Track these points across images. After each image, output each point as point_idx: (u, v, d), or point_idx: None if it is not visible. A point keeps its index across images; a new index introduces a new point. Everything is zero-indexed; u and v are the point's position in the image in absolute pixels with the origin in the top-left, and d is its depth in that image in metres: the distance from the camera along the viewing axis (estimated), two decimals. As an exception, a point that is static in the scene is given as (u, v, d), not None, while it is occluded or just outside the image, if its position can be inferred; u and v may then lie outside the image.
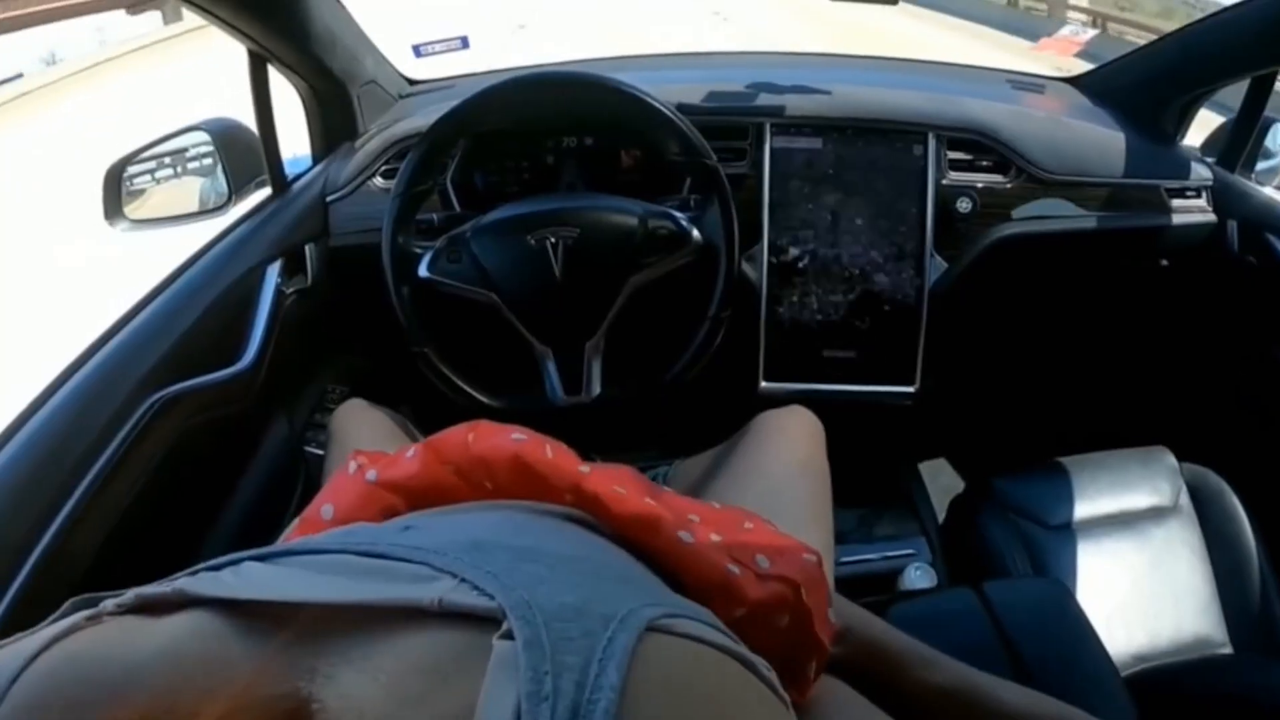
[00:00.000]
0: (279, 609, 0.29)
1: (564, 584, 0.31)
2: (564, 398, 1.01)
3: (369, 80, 1.26)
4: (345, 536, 0.39)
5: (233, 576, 0.32)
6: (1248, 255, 1.22)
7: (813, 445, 0.92)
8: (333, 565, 0.33)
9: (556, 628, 0.27)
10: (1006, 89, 1.38)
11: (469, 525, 0.42)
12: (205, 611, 0.30)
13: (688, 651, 0.29)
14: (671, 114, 0.97)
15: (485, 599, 0.28)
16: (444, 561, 0.31)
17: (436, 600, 0.28)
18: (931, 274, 1.16)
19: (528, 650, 0.25)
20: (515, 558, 0.33)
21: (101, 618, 0.31)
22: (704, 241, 0.98)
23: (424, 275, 0.99)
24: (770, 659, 0.43)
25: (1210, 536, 1.15)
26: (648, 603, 0.30)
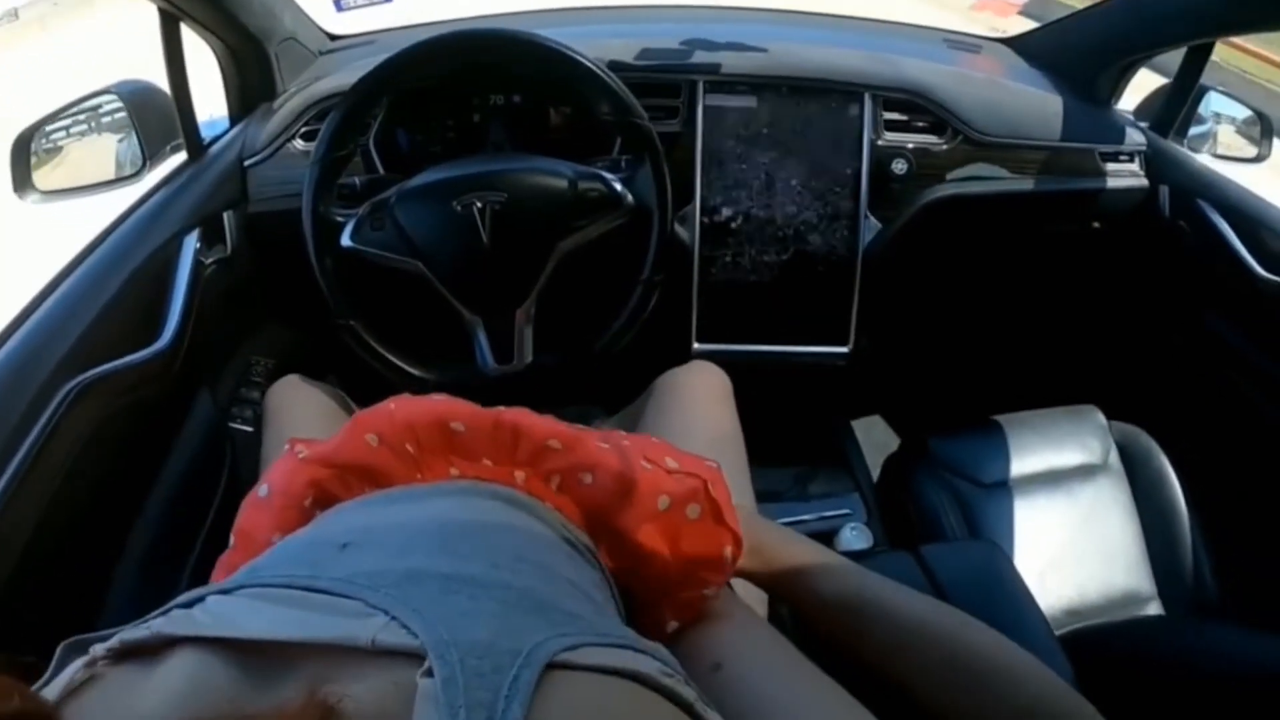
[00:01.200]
0: (256, 646, 0.33)
1: (482, 616, 0.34)
2: (495, 366, 0.98)
3: (287, 37, 1.20)
4: (289, 566, 0.43)
5: (204, 615, 0.35)
6: (1179, 220, 1.24)
7: (721, 402, 0.92)
8: (286, 599, 0.36)
9: (470, 664, 0.30)
10: (943, 49, 1.37)
11: (405, 542, 0.44)
12: (194, 651, 0.33)
13: (586, 684, 0.32)
14: (601, 72, 0.94)
15: (411, 638, 0.32)
16: (377, 598, 0.34)
17: (370, 640, 0.32)
18: (865, 235, 1.15)
19: (445, 688, 0.29)
20: (442, 589, 0.36)
21: (96, 665, 0.33)
22: (636, 204, 0.95)
23: (347, 245, 0.95)
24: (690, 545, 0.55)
25: (1139, 494, 1.18)
26: (557, 633, 0.33)
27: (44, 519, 0.78)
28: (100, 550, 0.90)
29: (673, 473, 0.56)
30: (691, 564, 0.55)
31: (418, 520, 0.48)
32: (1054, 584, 1.10)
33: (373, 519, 0.51)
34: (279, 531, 0.56)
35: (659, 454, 0.57)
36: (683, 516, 0.55)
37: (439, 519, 0.49)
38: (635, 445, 0.60)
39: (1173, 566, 1.16)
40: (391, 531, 0.47)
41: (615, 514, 0.55)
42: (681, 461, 0.57)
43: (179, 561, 0.99)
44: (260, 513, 0.58)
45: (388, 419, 0.59)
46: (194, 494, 1.04)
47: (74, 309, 0.89)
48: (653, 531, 0.54)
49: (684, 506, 0.55)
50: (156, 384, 0.95)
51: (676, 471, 0.56)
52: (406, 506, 0.52)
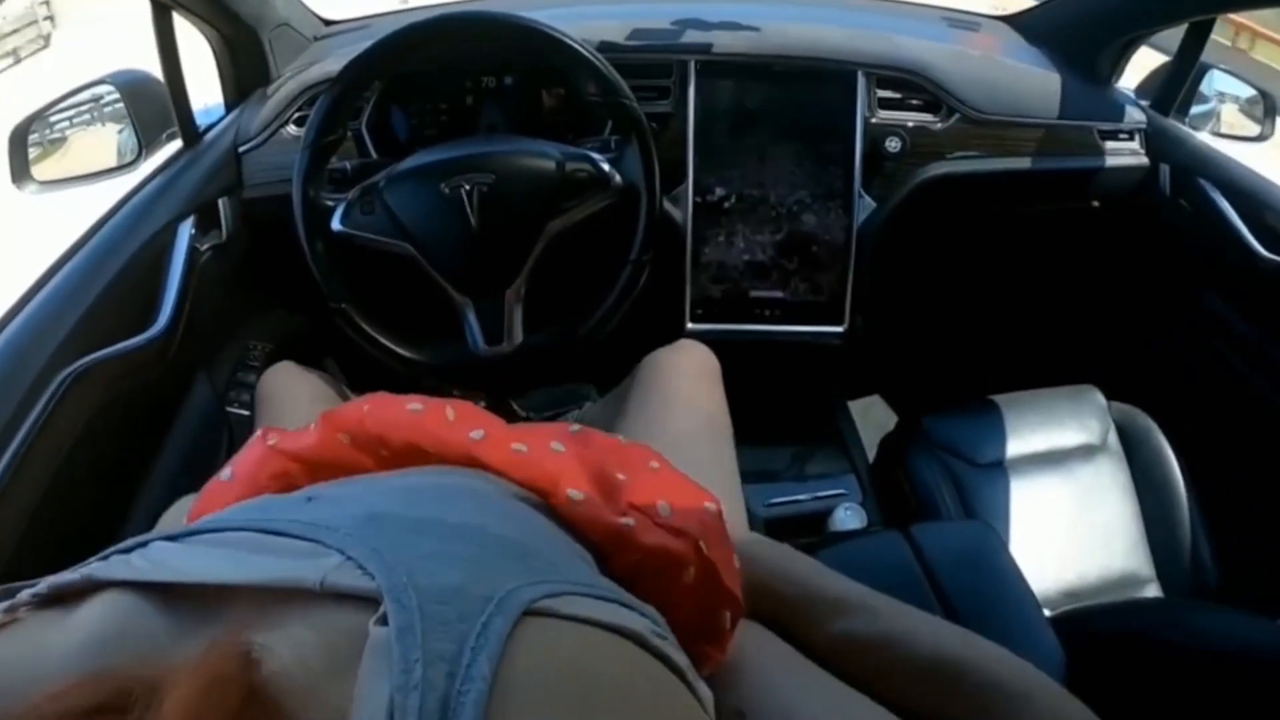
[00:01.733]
0: (188, 589, 0.29)
1: (450, 560, 0.30)
2: (486, 348, 0.98)
3: (280, 23, 1.20)
4: (249, 512, 0.39)
5: (141, 559, 0.32)
6: (1179, 199, 1.22)
7: (707, 383, 0.91)
8: (235, 542, 0.33)
9: (432, 611, 0.26)
10: (941, 27, 1.36)
11: (370, 496, 0.41)
12: (119, 594, 0.30)
13: (568, 634, 0.28)
14: (588, 53, 0.94)
15: (366, 579, 0.28)
16: (335, 538, 0.30)
17: (319, 581, 0.28)
18: (860, 214, 1.15)
19: (400, 638, 0.25)
20: (408, 529, 0.33)
21: (19, 611, 0.30)
22: (624, 184, 0.95)
23: (337, 229, 0.95)
24: (683, 615, 0.44)
25: (1138, 475, 1.17)
26: (533, 580, 0.29)
27: (41, 504, 0.78)
28: (98, 535, 0.91)
29: (661, 525, 0.47)
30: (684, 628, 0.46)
31: (390, 482, 0.45)
32: (1051, 565, 1.10)
33: (350, 485, 0.47)
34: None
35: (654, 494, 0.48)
36: (676, 579, 0.47)
37: (413, 481, 0.45)
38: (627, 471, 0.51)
39: (1171, 547, 1.15)
40: (365, 491, 0.43)
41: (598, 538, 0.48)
42: (675, 510, 0.48)
43: None
44: (221, 497, 0.54)
45: (358, 423, 0.54)
46: (193, 477, 1.05)
47: (70, 296, 0.90)
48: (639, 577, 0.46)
49: (672, 568, 0.47)
50: (153, 369, 0.96)
51: (665, 525, 0.47)
52: (377, 478, 0.49)
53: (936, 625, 0.55)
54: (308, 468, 0.53)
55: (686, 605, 0.46)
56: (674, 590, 0.46)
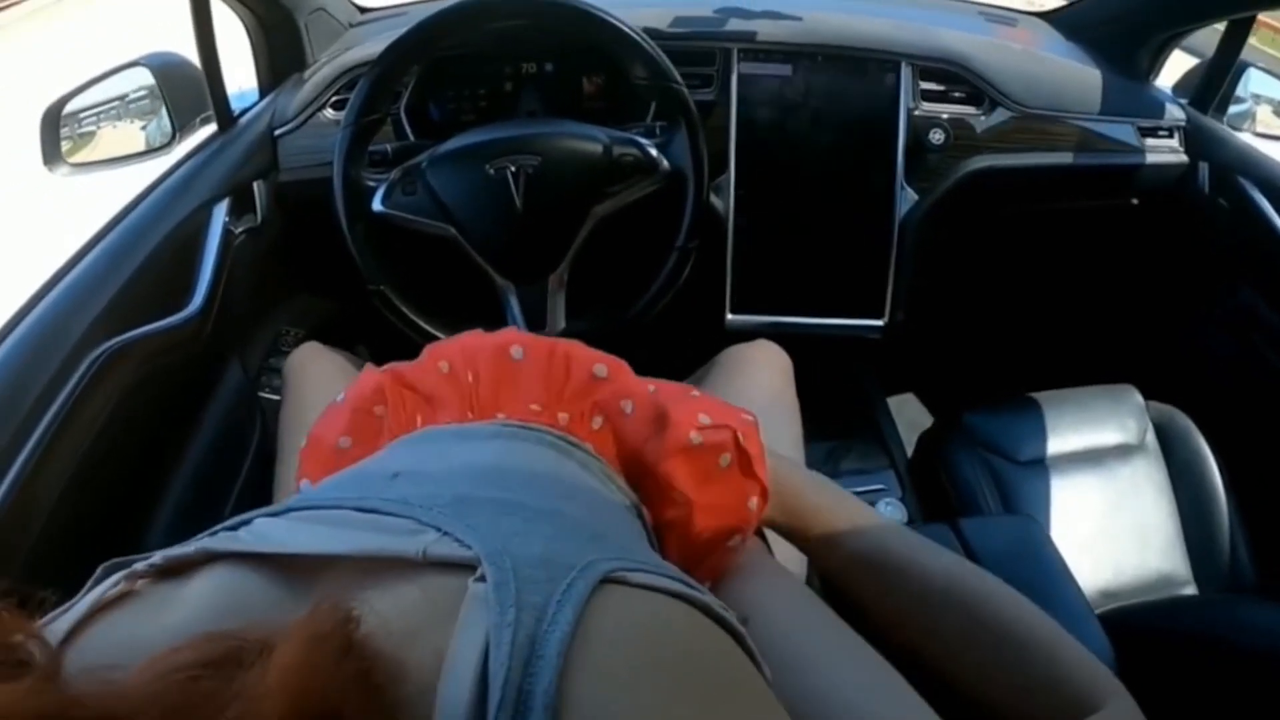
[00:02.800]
0: (295, 560, 0.33)
1: (536, 537, 0.34)
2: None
3: (317, 8, 1.20)
4: (343, 490, 0.44)
5: (248, 534, 0.36)
6: (1218, 197, 1.21)
7: (782, 379, 0.92)
8: (332, 519, 0.36)
9: (524, 573, 0.30)
10: (979, 21, 1.35)
11: (454, 474, 0.45)
12: (229, 566, 0.33)
13: (640, 598, 0.32)
14: (637, 35, 0.93)
15: (464, 549, 0.32)
16: (429, 516, 0.34)
17: (421, 551, 0.32)
18: (902, 206, 1.14)
19: (497, 590, 0.29)
20: (496, 511, 0.36)
21: (135, 582, 0.33)
22: (671, 169, 0.94)
23: (378, 209, 0.94)
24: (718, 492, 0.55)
25: (1176, 475, 1.16)
26: (610, 556, 0.33)
27: (72, 482, 0.77)
28: (128, 515, 0.90)
29: (703, 427, 0.55)
30: (715, 510, 0.55)
31: (469, 457, 0.49)
32: (1088, 564, 1.08)
33: (423, 454, 0.51)
34: (347, 435, 0.59)
35: (692, 409, 0.57)
36: (714, 462, 0.55)
37: (490, 458, 0.49)
38: (671, 393, 0.60)
39: (1208, 548, 1.14)
40: (443, 464, 0.47)
41: (646, 444, 0.56)
42: (714, 415, 0.57)
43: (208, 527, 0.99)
44: (333, 415, 0.61)
45: (459, 348, 0.63)
46: (223, 461, 1.04)
47: (104, 274, 0.89)
48: (680, 466, 0.54)
49: (716, 453, 0.55)
50: (186, 350, 0.95)
51: (708, 426, 0.56)
52: (456, 445, 0.52)
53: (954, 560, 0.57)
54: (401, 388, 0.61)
55: (720, 485, 0.55)
56: (712, 470, 0.54)
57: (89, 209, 1.15)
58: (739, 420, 0.57)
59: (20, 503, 0.70)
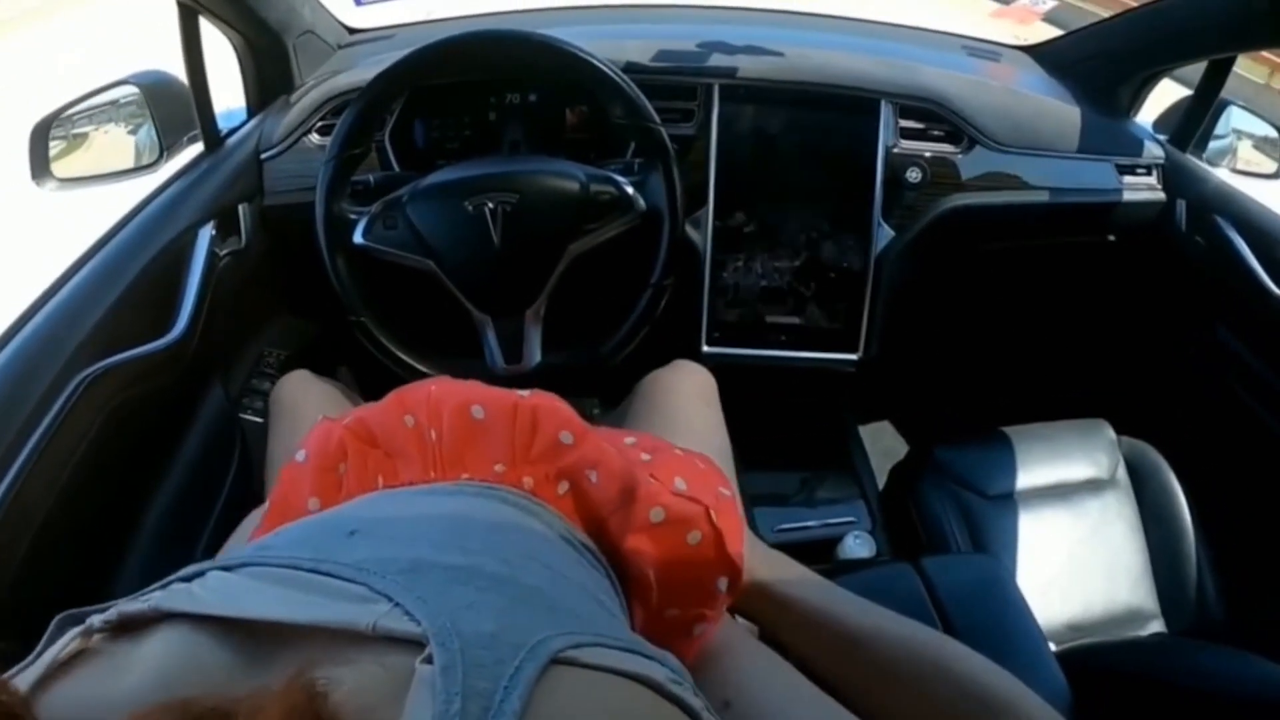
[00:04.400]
0: (250, 625, 0.32)
1: (487, 610, 0.34)
2: (504, 366, 0.99)
3: (305, 30, 1.21)
4: (298, 548, 0.42)
5: (201, 589, 0.35)
6: (1195, 235, 1.22)
7: (704, 399, 0.92)
8: (286, 579, 0.36)
9: (472, 654, 0.29)
10: (962, 56, 1.36)
11: (412, 534, 0.44)
12: (183, 627, 0.33)
13: (590, 681, 0.31)
14: (614, 75, 0.94)
15: (413, 624, 0.31)
16: (382, 585, 0.34)
17: (371, 625, 0.31)
18: (879, 242, 1.15)
19: (443, 674, 0.28)
20: (450, 579, 0.36)
21: (91, 638, 0.33)
22: (647, 208, 0.95)
23: (359, 242, 0.95)
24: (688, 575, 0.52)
25: (1145, 510, 1.18)
26: (562, 631, 0.32)
27: (55, 506, 0.78)
28: (109, 538, 0.91)
29: (677, 494, 0.54)
30: (679, 592, 0.53)
31: (428, 514, 0.49)
32: (1056, 599, 1.10)
33: (381, 511, 0.51)
34: (315, 496, 0.57)
35: (669, 471, 0.55)
36: (680, 539, 0.53)
37: (449, 514, 0.49)
38: (649, 453, 0.58)
39: (1176, 584, 1.15)
40: (401, 523, 0.47)
41: (609, 518, 0.54)
42: (691, 483, 0.55)
43: (187, 549, 1.00)
44: (297, 477, 0.59)
45: (425, 399, 0.60)
46: (204, 484, 1.05)
47: (89, 298, 0.90)
48: (641, 543, 0.52)
49: (683, 529, 0.53)
50: (169, 374, 0.96)
51: (681, 494, 0.54)
52: (416, 502, 0.52)
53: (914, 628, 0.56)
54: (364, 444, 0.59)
55: (692, 566, 0.53)
56: (679, 548, 0.52)
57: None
58: (714, 494, 0.55)
59: (5, 524, 0.71)
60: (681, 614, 0.54)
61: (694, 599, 0.53)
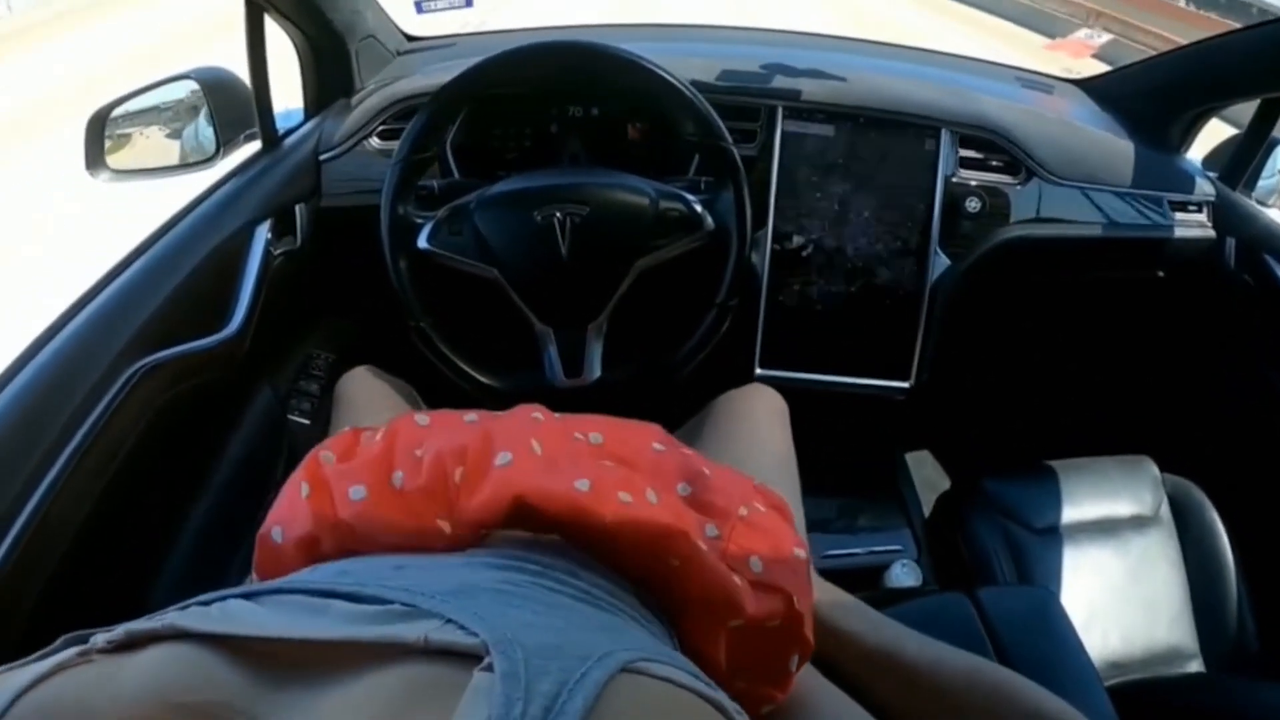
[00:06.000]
0: (261, 644, 0.31)
1: (547, 628, 0.32)
2: (564, 379, 0.98)
3: (368, 35, 1.21)
4: (337, 576, 0.40)
5: (220, 613, 0.33)
6: (1244, 274, 1.22)
7: (777, 426, 0.92)
8: (316, 606, 0.34)
9: (535, 663, 0.28)
10: (1017, 87, 1.36)
11: (458, 571, 0.42)
12: (188, 645, 0.31)
13: (658, 690, 0.30)
14: (690, 93, 0.94)
15: (470, 637, 0.29)
16: (430, 604, 0.32)
17: (423, 637, 0.30)
18: (934, 271, 1.15)
19: (504, 680, 0.27)
20: (503, 602, 0.35)
21: (92, 655, 0.31)
22: (716, 227, 0.95)
23: (423, 247, 0.95)
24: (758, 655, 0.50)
25: (1188, 549, 1.18)
26: (628, 648, 0.31)
27: (100, 499, 0.78)
28: (154, 534, 0.91)
29: (757, 585, 0.50)
30: (749, 669, 0.51)
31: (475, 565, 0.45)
32: (1097, 634, 1.09)
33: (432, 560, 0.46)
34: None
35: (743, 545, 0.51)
36: (759, 629, 0.50)
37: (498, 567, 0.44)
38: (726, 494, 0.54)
39: (1216, 623, 1.15)
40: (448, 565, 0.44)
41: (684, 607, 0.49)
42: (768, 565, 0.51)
43: (230, 551, 1.00)
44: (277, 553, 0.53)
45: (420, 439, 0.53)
46: (249, 485, 1.05)
47: (144, 290, 0.90)
48: (714, 634, 0.49)
49: (763, 622, 0.50)
50: (220, 371, 0.96)
51: (760, 583, 0.50)
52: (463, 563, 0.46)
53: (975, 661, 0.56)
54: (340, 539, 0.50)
55: (766, 646, 0.50)
56: (757, 635, 0.49)
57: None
58: (792, 569, 0.52)
59: (50, 517, 0.70)
60: (749, 689, 0.52)
61: (765, 677, 0.52)
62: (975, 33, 8.56)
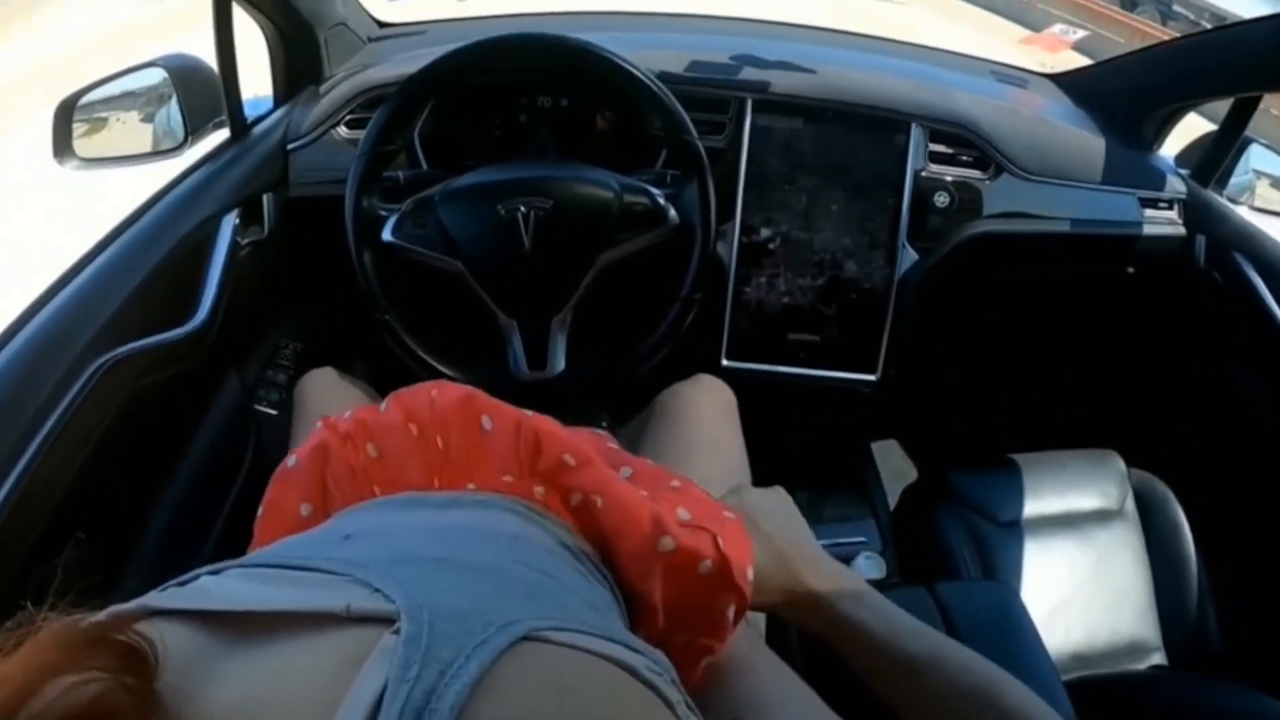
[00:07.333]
0: (224, 617, 0.33)
1: (465, 593, 0.34)
2: (528, 372, 0.98)
3: (338, 22, 1.20)
4: (292, 549, 0.44)
5: (192, 590, 0.36)
6: (1213, 271, 1.23)
7: (724, 415, 0.92)
8: (271, 577, 0.37)
9: (440, 627, 0.29)
10: (991, 81, 1.37)
11: (407, 537, 0.45)
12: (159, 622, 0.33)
13: (557, 655, 0.31)
14: (657, 88, 0.94)
15: (388, 604, 0.31)
16: (365, 574, 0.34)
17: (346, 607, 0.32)
18: (902, 264, 1.15)
19: (406, 643, 0.28)
20: (433, 567, 0.37)
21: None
22: (680, 221, 0.95)
23: (388, 240, 0.95)
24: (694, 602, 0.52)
25: (1152, 543, 1.19)
26: (541, 616, 0.32)
27: (69, 492, 0.77)
28: (123, 525, 0.91)
29: (684, 525, 0.53)
30: (687, 623, 0.53)
31: (425, 520, 0.49)
32: (1060, 628, 1.10)
33: (379, 518, 0.51)
34: (307, 501, 0.57)
35: (669, 505, 0.54)
36: (692, 569, 0.52)
37: (446, 522, 0.49)
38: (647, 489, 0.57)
39: (1179, 617, 1.16)
40: (397, 528, 0.48)
41: (616, 545, 0.53)
42: (694, 511, 0.54)
43: (200, 540, 1.00)
44: (288, 482, 0.59)
45: (427, 404, 0.60)
46: (218, 475, 1.05)
47: (111, 282, 0.89)
48: (649, 572, 0.51)
49: (694, 559, 0.52)
50: (187, 363, 0.95)
51: (686, 524, 0.53)
52: (415, 508, 0.52)
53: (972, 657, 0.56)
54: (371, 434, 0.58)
55: (701, 594, 0.52)
56: (690, 578, 0.52)
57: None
58: (720, 520, 0.54)
59: (18, 510, 0.70)
60: (689, 640, 0.53)
61: (702, 627, 0.53)
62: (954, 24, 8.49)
